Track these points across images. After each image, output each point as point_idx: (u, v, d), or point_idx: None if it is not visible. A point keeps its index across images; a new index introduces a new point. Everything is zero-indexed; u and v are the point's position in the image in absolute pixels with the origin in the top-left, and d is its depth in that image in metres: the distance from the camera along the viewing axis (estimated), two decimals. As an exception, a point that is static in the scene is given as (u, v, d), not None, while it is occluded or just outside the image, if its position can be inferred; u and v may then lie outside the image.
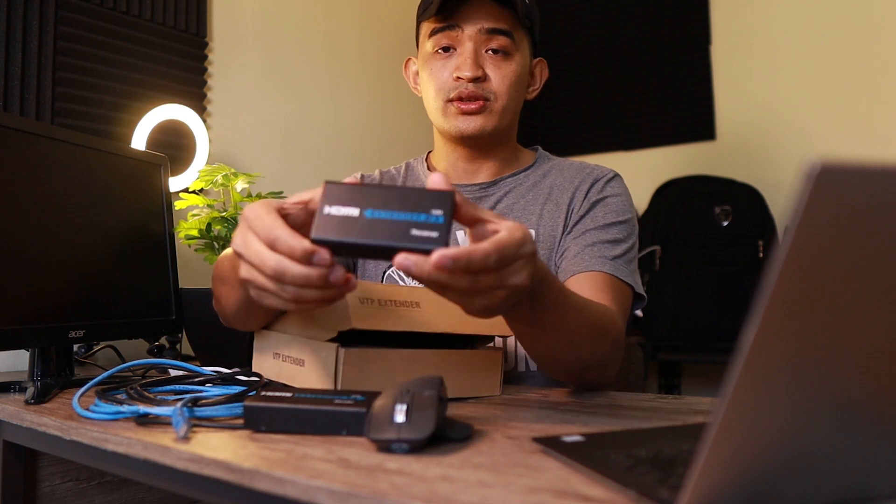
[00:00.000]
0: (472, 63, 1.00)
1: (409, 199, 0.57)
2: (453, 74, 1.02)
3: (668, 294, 2.24)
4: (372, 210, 0.57)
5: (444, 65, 1.04)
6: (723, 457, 0.36)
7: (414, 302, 0.79)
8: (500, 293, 0.59)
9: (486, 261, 0.55)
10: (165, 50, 1.67)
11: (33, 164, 1.01)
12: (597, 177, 1.07)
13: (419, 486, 0.47)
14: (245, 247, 0.60)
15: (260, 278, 0.60)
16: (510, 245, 0.57)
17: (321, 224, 0.57)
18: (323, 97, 2.12)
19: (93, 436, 0.68)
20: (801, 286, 0.33)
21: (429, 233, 0.55)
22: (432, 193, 0.57)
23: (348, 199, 0.57)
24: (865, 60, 2.27)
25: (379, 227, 0.56)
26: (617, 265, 0.98)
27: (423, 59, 1.08)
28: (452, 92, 1.02)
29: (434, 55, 1.05)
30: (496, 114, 1.03)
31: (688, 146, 2.61)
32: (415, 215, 0.56)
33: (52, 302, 1.01)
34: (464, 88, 1.01)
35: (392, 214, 0.56)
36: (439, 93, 1.04)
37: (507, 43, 1.02)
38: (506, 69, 1.02)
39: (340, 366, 0.73)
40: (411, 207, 0.56)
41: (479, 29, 1.01)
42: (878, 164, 0.31)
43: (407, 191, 0.58)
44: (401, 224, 0.56)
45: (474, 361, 0.84)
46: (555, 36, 2.83)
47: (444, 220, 0.56)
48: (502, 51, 1.02)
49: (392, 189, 0.58)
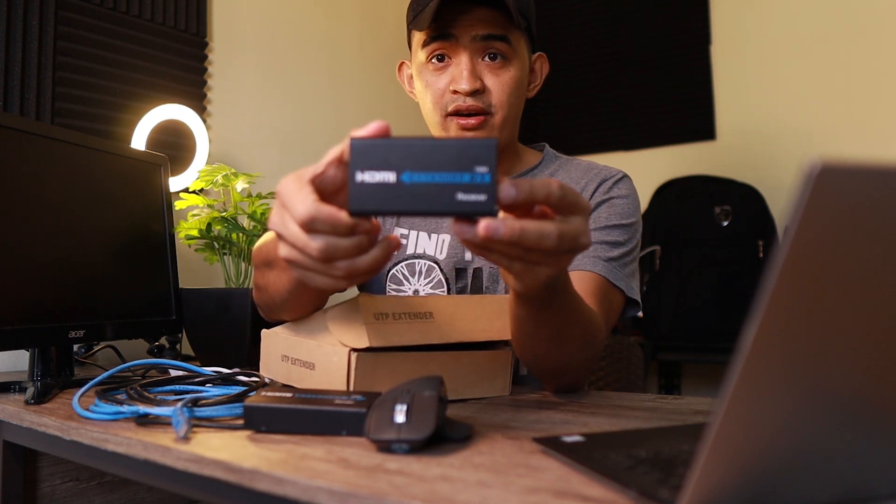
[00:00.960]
0: (469, 76, 0.97)
1: (448, 153, 0.51)
2: (450, 87, 0.99)
3: (668, 294, 2.24)
4: (410, 172, 0.51)
5: (439, 76, 1.00)
6: (723, 457, 0.36)
7: (427, 312, 0.79)
8: (567, 258, 0.57)
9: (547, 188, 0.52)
10: (165, 50, 1.67)
11: (33, 164, 1.01)
12: (604, 177, 1.05)
13: (419, 486, 0.47)
14: (283, 227, 0.56)
15: (304, 259, 0.56)
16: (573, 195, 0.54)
17: (357, 195, 0.52)
18: (323, 97, 2.12)
19: (93, 436, 0.68)
20: (801, 286, 0.33)
21: (475, 196, 0.51)
22: (473, 145, 0.52)
23: (381, 161, 0.52)
24: (865, 60, 2.27)
25: (420, 193, 0.51)
26: (611, 267, 0.96)
27: (417, 68, 1.04)
28: (450, 105, 0.99)
29: (428, 65, 1.01)
30: (497, 128, 1.00)
31: (688, 146, 2.61)
32: (458, 175, 0.51)
33: (52, 302, 1.01)
34: (462, 102, 0.98)
35: (433, 177, 0.51)
36: (437, 106, 1.01)
37: (503, 48, 0.98)
38: (504, 77, 0.99)
39: (353, 370, 0.73)
40: (453, 165, 0.51)
41: (474, 37, 0.97)
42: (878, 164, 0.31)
43: (445, 144, 0.52)
44: (444, 188, 0.51)
45: (483, 362, 0.84)
46: (555, 36, 2.83)
47: (490, 178, 0.51)
48: (500, 56, 0.99)
49: (427, 143, 0.52)
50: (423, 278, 1.07)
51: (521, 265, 0.56)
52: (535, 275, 0.58)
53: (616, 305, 0.97)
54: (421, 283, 1.07)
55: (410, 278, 1.08)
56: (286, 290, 0.79)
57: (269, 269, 0.82)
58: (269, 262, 0.81)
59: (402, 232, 1.11)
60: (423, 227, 1.10)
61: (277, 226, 0.57)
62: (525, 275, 0.58)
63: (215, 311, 1.18)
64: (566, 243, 0.54)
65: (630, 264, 1.00)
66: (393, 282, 1.09)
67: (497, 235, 0.51)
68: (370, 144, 0.52)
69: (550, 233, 0.53)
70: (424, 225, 1.10)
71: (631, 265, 1.01)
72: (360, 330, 0.73)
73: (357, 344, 0.73)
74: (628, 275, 0.99)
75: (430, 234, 1.09)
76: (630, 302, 0.99)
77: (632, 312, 1.01)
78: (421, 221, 1.11)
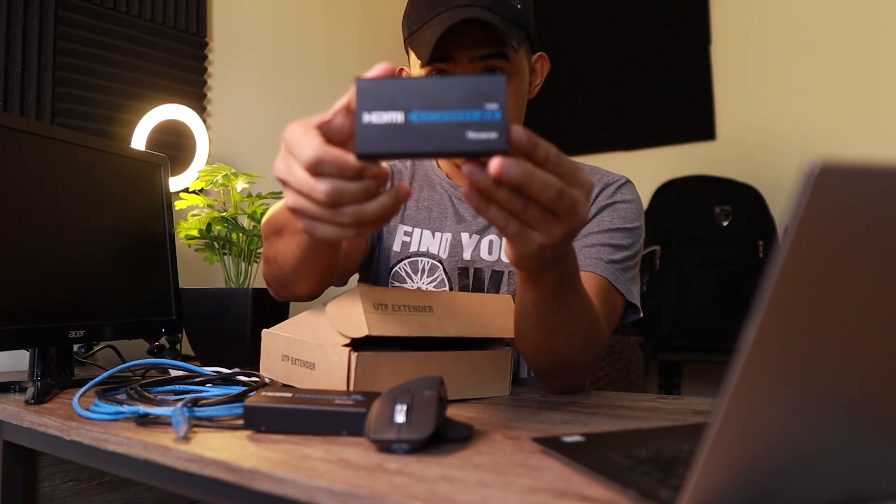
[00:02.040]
0: None
1: (457, 91, 0.50)
2: None
3: (668, 294, 2.24)
4: (418, 112, 0.50)
5: None
6: (723, 457, 0.36)
7: (426, 307, 0.79)
8: (561, 228, 0.56)
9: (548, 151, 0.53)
10: (165, 50, 1.67)
11: (33, 164, 1.01)
12: (607, 182, 1.05)
13: (419, 486, 0.47)
14: (289, 173, 0.55)
15: (310, 206, 0.54)
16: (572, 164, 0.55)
17: (364, 137, 0.51)
18: (323, 97, 2.12)
19: (93, 436, 0.68)
20: (801, 286, 0.33)
21: (486, 134, 0.50)
22: (482, 81, 0.50)
23: (388, 101, 0.51)
24: (865, 60, 2.27)
25: (429, 132, 0.50)
26: (613, 270, 0.96)
27: None
28: None
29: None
30: None
31: (688, 146, 2.61)
32: (467, 113, 0.50)
33: (52, 302, 1.01)
34: None
35: (442, 115, 0.50)
36: None
37: (503, 64, 0.97)
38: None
39: (353, 370, 0.73)
40: (462, 103, 0.50)
41: (472, 58, 0.96)
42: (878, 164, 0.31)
43: (454, 81, 0.51)
44: (454, 126, 0.50)
45: (484, 362, 0.84)
46: (555, 36, 2.83)
47: (501, 115, 0.50)
48: (499, 70, 0.98)
49: (436, 83, 0.51)
50: (426, 276, 1.08)
51: (516, 226, 0.56)
52: (528, 241, 0.57)
53: (617, 309, 0.97)
54: (424, 282, 1.08)
55: (413, 276, 1.08)
56: (294, 257, 0.78)
57: (278, 237, 0.80)
58: (277, 230, 0.80)
59: (407, 230, 1.11)
60: (427, 224, 1.11)
61: (282, 172, 0.55)
62: (519, 239, 0.57)
63: (215, 311, 1.18)
64: (565, 203, 0.54)
65: (632, 269, 1.00)
66: (395, 279, 1.09)
67: (509, 174, 0.51)
68: (377, 84, 0.51)
69: (554, 183, 0.53)
70: (429, 223, 1.11)
71: (633, 270, 1.00)
72: (359, 319, 0.73)
73: (356, 333, 0.73)
74: (629, 279, 0.99)
75: (434, 233, 1.10)
76: (629, 307, 0.99)
77: (631, 317, 1.01)
78: (425, 220, 1.11)
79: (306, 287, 0.84)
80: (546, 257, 0.61)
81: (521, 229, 0.56)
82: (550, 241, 0.57)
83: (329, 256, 0.79)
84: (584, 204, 0.57)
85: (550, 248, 0.58)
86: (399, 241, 1.10)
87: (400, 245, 1.10)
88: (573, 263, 0.69)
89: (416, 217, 1.12)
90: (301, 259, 0.78)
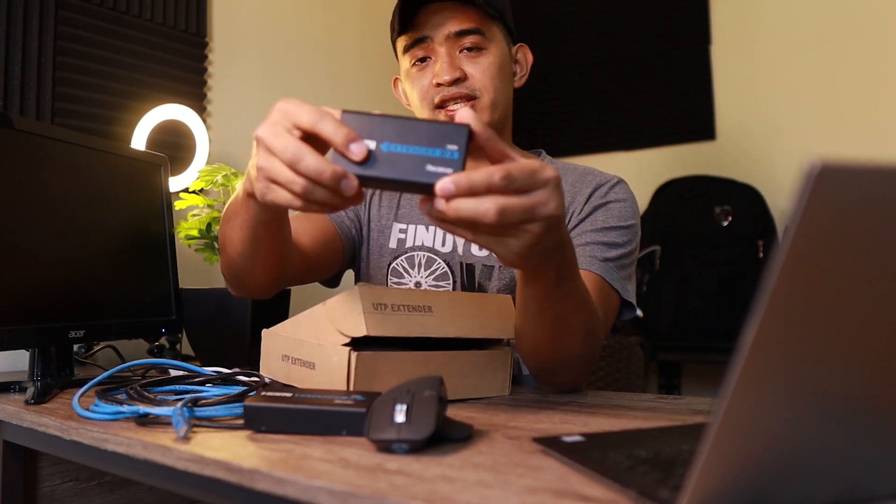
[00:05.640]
0: (449, 66, 1.01)
1: (425, 132, 0.57)
2: (433, 81, 1.03)
3: (668, 294, 2.24)
4: (388, 143, 0.57)
5: (423, 75, 1.05)
6: (723, 457, 0.36)
7: (426, 306, 0.79)
8: (533, 228, 0.58)
9: (489, 179, 0.55)
10: (165, 50, 1.67)
11: (33, 164, 1.01)
12: (599, 182, 1.06)
13: (419, 486, 0.47)
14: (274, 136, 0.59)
15: (275, 163, 0.59)
16: (520, 169, 0.56)
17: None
18: (323, 98, 2.12)
19: (93, 436, 0.68)
20: (801, 286, 0.33)
21: (443, 168, 0.56)
22: (448, 127, 0.57)
23: (365, 131, 0.58)
24: (865, 60, 2.27)
25: (395, 161, 0.57)
26: (607, 267, 0.97)
27: (404, 75, 1.10)
28: (436, 97, 1.03)
29: (412, 69, 1.07)
30: (486, 109, 1.03)
31: (688, 146, 2.61)
32: (430, 150, 0.57)
33: (52, 302, 1.01)
34: (446, 91, 1.02)
35: (408, 149, 0.57)
36: (423, 101, 1.05)
37: (478, 40, 1.03)
38: (484, 62, 1.03)
39: (353, 370, 0.73)
40: (427, 141, 0.57)
41: (447, 35, 1.02)
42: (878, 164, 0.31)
43: (423, 124, 0.58)
44: (416, 159, 0.57)
45: (483, 362, 0.84)
46: (555, 36, 2.83)
47: (459, 155, 0.56)
48: (476, 48, 1.03)
49: (409, 121, 0.58)
50: (424, 270, 1.09)
51: (486, 239, 0.60)
52: (506, 246, 0.60)
53: (613, 306, 0.98)
54: (423, 276, 1.09)
55: (411, 271, 1.10)
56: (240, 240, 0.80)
57: (232, 219, 0.81)
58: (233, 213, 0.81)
59: (401, 227, 1.13)
60: (421, 220, 1.12)
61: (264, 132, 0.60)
62: (496, 246, 0.60)
63: (215, 311, 1.18)
64: (513, 216, 0.56)
65: (627, 267, 1.01)
66: (394, 275, 1.10)
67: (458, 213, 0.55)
68: (360, 116, 0.59)
69: (487, 210, 0.55)
70: (422, 218, 1.12)
71: (628, 268, 1.01)
72: (358, 318, 0.73)
73: (355, 332, 0.73)
74: (624, 277, 0.99)
75: (428, 227, 1.11)
76: (625, 305, 1.00)
77: (627, 315, 1.01)
78: (419, 216, 1.12)
79: (259, 276, 0.86)
80: (534, 255, 0.62)
81: (493, 240, 0.60)
82: (530, 243, 0.59)
83: (273, 234, 0.80)
84: (547, 202, 0.58)
85: (534, 247, 0.60)
86: (395, 238, 1.12)
87: (396, 242, 1.12)
88: (570, 253, 0.70)
89: (409, 214, 1.14)
90: (245, 241, 0.79)
